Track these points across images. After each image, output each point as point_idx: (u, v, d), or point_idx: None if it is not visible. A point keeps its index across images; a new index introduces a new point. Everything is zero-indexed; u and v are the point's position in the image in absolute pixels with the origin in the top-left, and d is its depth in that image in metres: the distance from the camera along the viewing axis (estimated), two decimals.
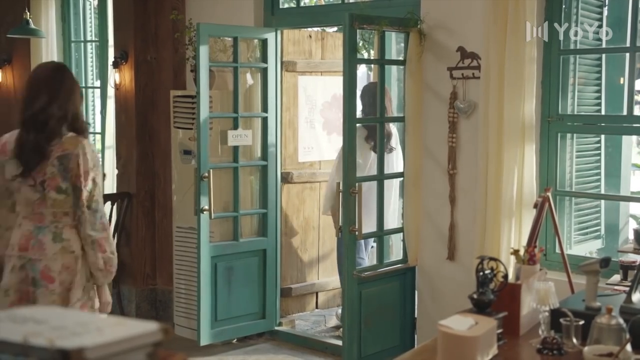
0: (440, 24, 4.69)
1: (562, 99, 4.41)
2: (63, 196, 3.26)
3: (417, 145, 4.82)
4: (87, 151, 3.27)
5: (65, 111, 3.29)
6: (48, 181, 3.25)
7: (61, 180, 3.25)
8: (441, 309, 4.83)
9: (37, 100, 3.28)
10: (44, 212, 3.29)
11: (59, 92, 3.29)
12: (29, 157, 3.24)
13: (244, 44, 5.51)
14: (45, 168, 3.25)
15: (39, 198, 3.28)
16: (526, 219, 4.29)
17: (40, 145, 3.23)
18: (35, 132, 3.24)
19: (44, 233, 3.28)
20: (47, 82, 3.31)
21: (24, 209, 3.34)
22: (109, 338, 1.21)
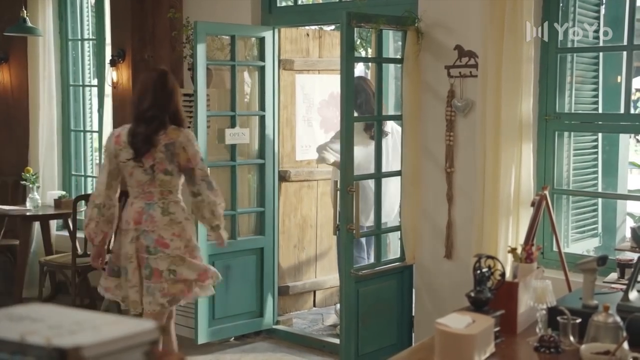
0: (438, 23, 4.69)
1: (560, 98, 4.41)
2: (169, 177, 4.03)
3: (415, 143, 4.82)
4: (189, 138, 4.06)
5: (168, 109, 4.04)
6: (157, 165, 4.00)
7: (167, 163, 4.01)
8: (439, 307, 4.83)
9: (145, 101, 4.04)
10: (153, 191, 4.04)
11: (162, 94, 4.05)
12: (140, 146, 3.98)
13: (241, 43, 5.51)
14: (154, 154, 3.99)
15: (148, 179, 4.02)
16: (523, 218, 4.29)
17: (148, 136, 3.98)
18: (145, 126, 3.99)
19: (154, 208, 4.03)
20: (153, 86, 4.07)
21: (134, 190, 4.08)
22: (106, 336, 1.21)
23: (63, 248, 6.58)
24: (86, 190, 7.04)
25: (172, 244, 4.01)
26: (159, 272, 3.99)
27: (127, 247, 4.04)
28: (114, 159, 4.08)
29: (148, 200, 4.04)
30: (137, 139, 3.99)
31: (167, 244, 4.01)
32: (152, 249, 4.00)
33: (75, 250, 5.94)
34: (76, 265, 5.94)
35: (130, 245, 4.03)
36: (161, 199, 4.04)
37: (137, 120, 4.05)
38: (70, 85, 7.05)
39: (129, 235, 4.04)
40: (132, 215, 4.05)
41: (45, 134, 6.80)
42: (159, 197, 4.04)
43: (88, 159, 7.15)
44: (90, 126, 7.10)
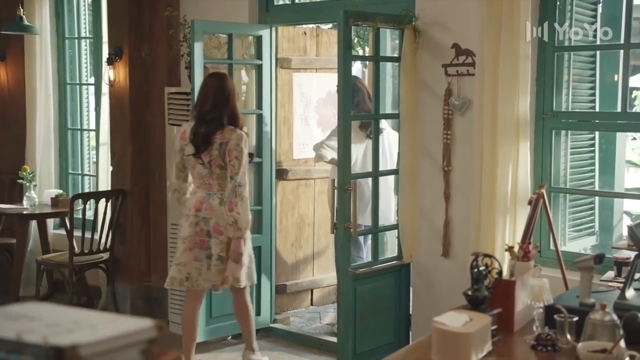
0: (435, 21, 4.69)
1: (557, 96, 4.42)
2: (223, 172, 4.45)
3: (412, 142, 4.82)
4: (238, 139, 4.44)
5: (226, 110, 4.48)
6: (213, 161, 4.45)
7: (221, 160, 4.43)
8: (436, 306, 4.83)
9: (206, 103, 4.49)
10: (212, 183, 4.48)
11: (221, 97, 4.48)
12: (199, 144, 4.45)
13: (238, 41, 5.51)
14: (211, 151, 4.44)
15: (208, 173, 4.47)
16: (520, 216, 4.30)
17: (207, 136, 4.44)
18: (205, 126, 4.46)
19: (213, 198, 4.48)
20: (214, 90, 4.50)
21: (197, 181, 4.54)
22: (103, 335, 1.21)
23: (60, 247, 6.58)
24: (83, 189, 7.04)
25: (224, 232, 4.46)
26: (211, 256, 4.49)
27: (185, 231, 4.53)
28: (179, 153, 4.57)
29: (208, 191, 4.49)
30: (197, 138, 4.46)
31: (221, 231, 4.46)
32: (212, 234, 4.49)
33: (72, 248, 5.93)
34: (73, 263, 5.93)
35: (188, 229, 4.51)
36: (219, 191, 4.47)
37: (199, 120, 4.50)
38: (67, 84, 7.05)
39: (189, 220, 4.52)
40: (194, 203, 4.52)
41: (42, 133, 6.80)
42: (218, 188, 4.47)
43: (85, 158, 7.14)
44: (87, 125, 7.09)
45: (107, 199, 6.10)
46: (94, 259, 6.10)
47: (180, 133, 4.61)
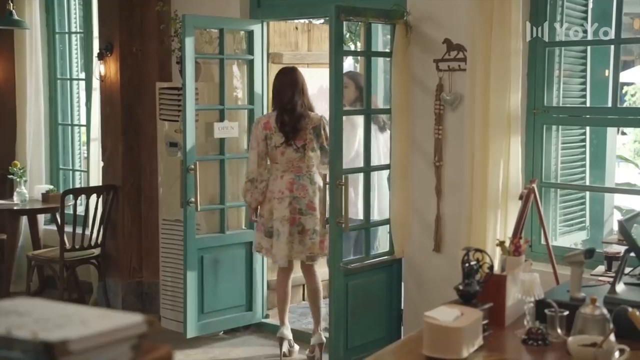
0: (427, 16, 4.69)
1: (548, 91, 4.42)
2: (315, 154, 5.00)
3: (403, 137, 4.82)
4: (325, 123, 4.94)
5: (303, 99, 5.04)
6: (307, 144, 4.97)
7: (315, 143, 4.99)
8: (427, 301, 4.84)
9: (285, 95, 4.98)
10: (301, 166, 4.98)
11: (296, 88, 5.01)
12: (289, 131, 4.94)
13: (229, 36, 5.49)
14: (304, 136, 4.96)
15: (299, 156, 4.97)
16: (512, 211, 4.30)
17: (296, 123, 4.96)
18: (288, 115, 4.96)
19: (303, 179, 4.98)
20: (288, 82, 5.00)
21: (283, 165, 4.99)
22: (93, 330, 1.20)
23: (51, 242, 6.56)
24: (74, 184, 7.02)
25: (318, 208, 4.96)
26: (305, 230, 4.94)
27: (284, 211, 4.93)
28: (262, 141, 4.98)
29: (297, 173, 4.96)
30: (286, 127, 4.94)
31: (315, 207, 4.96)
32: (304, 211, 4.94)
33: (63, 244, 5.91)
34: (64, 259, 5.92)
35: (286, 210, 4.93)
36: (307, 172, 4.98)
37: (281, 110, 4.96)
38: (58, 79, 7.02)
39: (285, 201, 4.93)
40: (285, 185, 4.95)
41: (33, 128, 6.77)
42: (306, 170, 4.98)
43: (76, 153, 7.11)
44: (78, 120, 7.07)
45: (98, 194, 6.08)
46: (85, 254, 6.08)
47: (262, 124, 5.01)
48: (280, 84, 5.03)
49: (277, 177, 4.99)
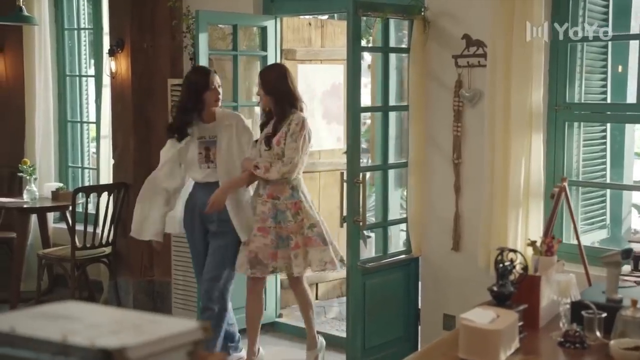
0: (445, 11, 4.62)
1: (570, 88, 4.35)
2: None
3: (421, 134, 4.75)
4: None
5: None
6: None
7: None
8: (446, 300, 4.79)
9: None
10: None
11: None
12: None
13: (242, 32, 5.42)
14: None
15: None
16: (533, 209, 4.24)
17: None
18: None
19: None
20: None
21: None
22: (150, 337, 1.14)
23: (60, 241, 6.48)
24: (83, 182, 6.95)
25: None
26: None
27: (316, 214, 4.64)
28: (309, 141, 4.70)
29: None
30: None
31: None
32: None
33: (74, 243, 5.84)
34: (75, 258, 5.85)
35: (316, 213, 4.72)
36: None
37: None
38: (67, 76, 6.95)
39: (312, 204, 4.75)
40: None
41: (42, 125, 6.69)
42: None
43: (85, 151, 7.04)
44: (87, 117, 7.00)
45: (109, 192, 6.00)
46: (96, 253, 6.01)
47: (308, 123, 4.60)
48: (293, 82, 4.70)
49: (301, 180, 4.73)
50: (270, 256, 4.47)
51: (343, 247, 6.19)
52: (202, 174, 4.56)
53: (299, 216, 4.50)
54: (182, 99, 4.57)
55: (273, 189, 4.49)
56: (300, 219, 4.50)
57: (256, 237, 4.49)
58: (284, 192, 4.50)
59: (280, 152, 4.44)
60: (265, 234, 4.48)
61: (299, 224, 4.49)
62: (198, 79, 4.50)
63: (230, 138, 4.52)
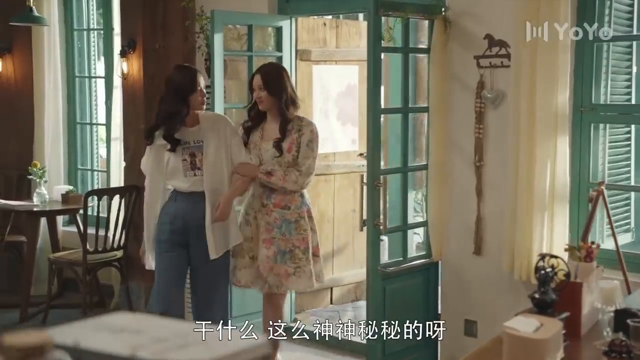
0: (467, 11, 4.54)
1: (595, 89, 4.26)
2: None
3: (441, 136, 4.67)
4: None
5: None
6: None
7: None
8: (467, 305, 4.70)
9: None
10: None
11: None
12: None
13: (256, 33, 5.33)
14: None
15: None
16: (558, 213, 4.16)
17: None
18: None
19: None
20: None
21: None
22: (221, 353, 1.06)
23: (69, 244, 6.40)
24: (93, 185, 6.86)
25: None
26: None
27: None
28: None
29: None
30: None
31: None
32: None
33: (86, 246, 5.75)
34: (87, 262, 5.76)
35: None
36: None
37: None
38: (76, 77, 6.86)
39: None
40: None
41: (51, 127, 6.60)
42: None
43: (94, 153, 6.95)
44: (96, 119, 6.91)
45: (120, 195, 5.92)
46: (108, 257, 5.92)
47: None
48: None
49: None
50: (268, 269, 4.23)
51: (361, 252, 6.13)
52: (187, 182, 4.14)
53: (312, 223, 4.34)
54: (167, 103, 4.12)
55: (281, 198, 4.23)
56: (312, 227, 4.33)
57: (261, 250, 4.24)
58: (293, 201, 4.25)
59: (291, 160, 4.21)
60: (269, 245, 4.23)
61: (308, 235, 4.28)
62: (184, 80, 4.12)
63: (218, 142, 4.15)
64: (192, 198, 4.14)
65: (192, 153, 4.14)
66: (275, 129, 4.25)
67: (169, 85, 4.16)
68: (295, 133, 4.23)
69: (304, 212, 4.28)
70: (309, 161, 4.24)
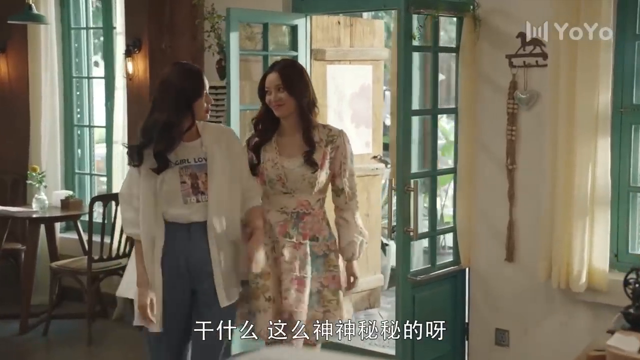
0: (498, 9, 4.37)
1: (637, 89, 4.12)
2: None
3: (471, 138, 4.50)
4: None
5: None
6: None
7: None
8: (497, 314, 4.54)
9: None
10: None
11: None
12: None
13: (270, 31, 5.12)
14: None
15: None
16: (599, 218, 4.01)
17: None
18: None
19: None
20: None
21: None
22: None
23: (68, 252, 6.14)
24: (92, 190, 6.60)
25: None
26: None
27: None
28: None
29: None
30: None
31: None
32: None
33: (91, 255, 5.49)
34: (91, 270, 5.50)
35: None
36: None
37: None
38: (73, 77, 6.59)
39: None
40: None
41: (48, 130, 6.34)
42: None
43: (92, 156, 6.68)
44: (93, 121, 6.65)
45: None
46: (112, 265, 5.67)
47: None
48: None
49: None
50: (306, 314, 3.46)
51: (374, 257, 5.95)
52: (188, 210, 3.24)
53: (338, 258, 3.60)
54: (164, 112, 3.21)
55: (310, 227, 3.51)
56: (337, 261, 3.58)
57: (289, 292, 3.42)
58: (322, 230, 3.56)
59: (324, 180, 3.51)
60: (301, 286, 3.43)
61: (339, 271, 3.57)
62: (188, 82, 3.27)
63: (225, 161, 3.31)
64: (192, 230, 3.27)
65: (192, 174, 3.26)
66: (296, 141, 3.51)
67: (168, 88, 3.25)
68: (326, 146, 3.51)
69: (333, 245, 3.57)
70: (353, 179, 3.60)
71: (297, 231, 3.49)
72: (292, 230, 3.49)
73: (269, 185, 3.50)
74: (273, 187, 3.50)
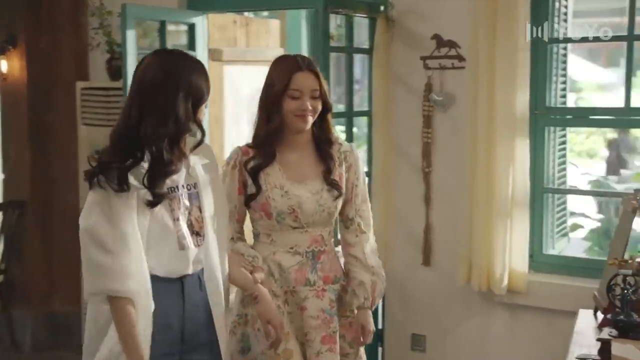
0: (412, 10, 4.31)
1: (549, 90, 4.17)
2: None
3: (386, 141, 4.41)
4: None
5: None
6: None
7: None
8: (414, 319, 4.48)
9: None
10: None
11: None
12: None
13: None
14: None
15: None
16: (518, 220, 4.03)
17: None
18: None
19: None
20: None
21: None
22: None
23: None
24: None
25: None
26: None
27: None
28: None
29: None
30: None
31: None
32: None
33: None
34: None
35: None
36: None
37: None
38: None
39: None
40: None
41: None
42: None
43: None
44: None
45: (1, 211, 5.19)
46: None
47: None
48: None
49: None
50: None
51: None
52: (184, 259, 2.38)
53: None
54: (175, 118, 2.29)
55: (329, 267, 2.85)
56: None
57: (323, 356, 2.74)
58: (339, 268, 2.91)
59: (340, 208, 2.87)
60: (333, 344, 2.77)
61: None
62: (200, 80, 2.36)
63: (212, 187, 2.49)
64: (187, 285, 2.40)
65: (185, 207, 2.40)
66: (305, 158, 2.82)
67: (178, 82, 2.30)
68: (340, 165, 2.84)
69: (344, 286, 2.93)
70: (368, 209, 2.95)
71: (316, 275, 2.80)
72: (312, 275, 2.79)
73: (275, 220, 2.75)
74: (281, 222, 2.76)
